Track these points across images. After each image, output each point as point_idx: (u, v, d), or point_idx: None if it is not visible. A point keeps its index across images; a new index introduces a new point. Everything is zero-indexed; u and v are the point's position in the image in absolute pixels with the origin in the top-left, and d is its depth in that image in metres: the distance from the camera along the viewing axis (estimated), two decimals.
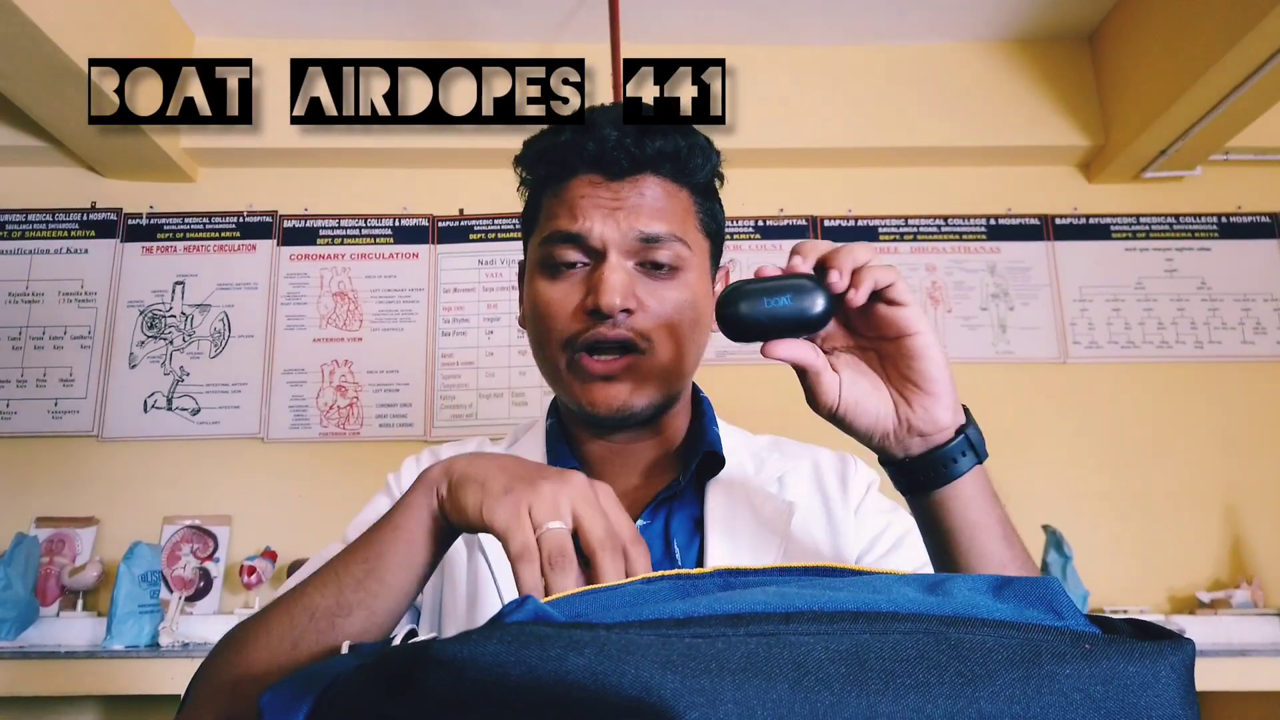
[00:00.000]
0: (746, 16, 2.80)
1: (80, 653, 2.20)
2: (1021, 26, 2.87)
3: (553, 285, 0.88)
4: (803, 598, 0.42)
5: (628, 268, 0.86)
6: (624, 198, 0.87)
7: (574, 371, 0.87)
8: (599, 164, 0.88)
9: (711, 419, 0.98)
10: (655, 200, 0.88)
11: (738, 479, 0.95)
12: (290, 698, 0.46)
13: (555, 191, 0.90)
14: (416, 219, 2.90)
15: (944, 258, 2.91)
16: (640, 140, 0.87)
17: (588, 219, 0.86)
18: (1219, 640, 2.43)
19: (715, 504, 0.92)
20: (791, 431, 1.07)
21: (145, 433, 2.70)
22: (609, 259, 0.85)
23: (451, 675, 0.37)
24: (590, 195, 0.87)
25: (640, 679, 0.35)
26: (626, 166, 0.87)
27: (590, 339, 0.85)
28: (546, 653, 0.36)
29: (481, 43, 2.88)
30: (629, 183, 0.88)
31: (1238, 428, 2.77)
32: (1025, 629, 0.41)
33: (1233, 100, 2.43)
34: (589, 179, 0.88)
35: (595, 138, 0.87)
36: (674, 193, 0.90)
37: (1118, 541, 2.66)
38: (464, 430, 2.73)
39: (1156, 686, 0.39)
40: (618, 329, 0.85)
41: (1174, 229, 2.93)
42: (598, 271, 0.85)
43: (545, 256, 0.88)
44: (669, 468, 0.96)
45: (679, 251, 0.88)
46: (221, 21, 2.80)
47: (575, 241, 0.86)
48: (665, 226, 0.87)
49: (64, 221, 2.85)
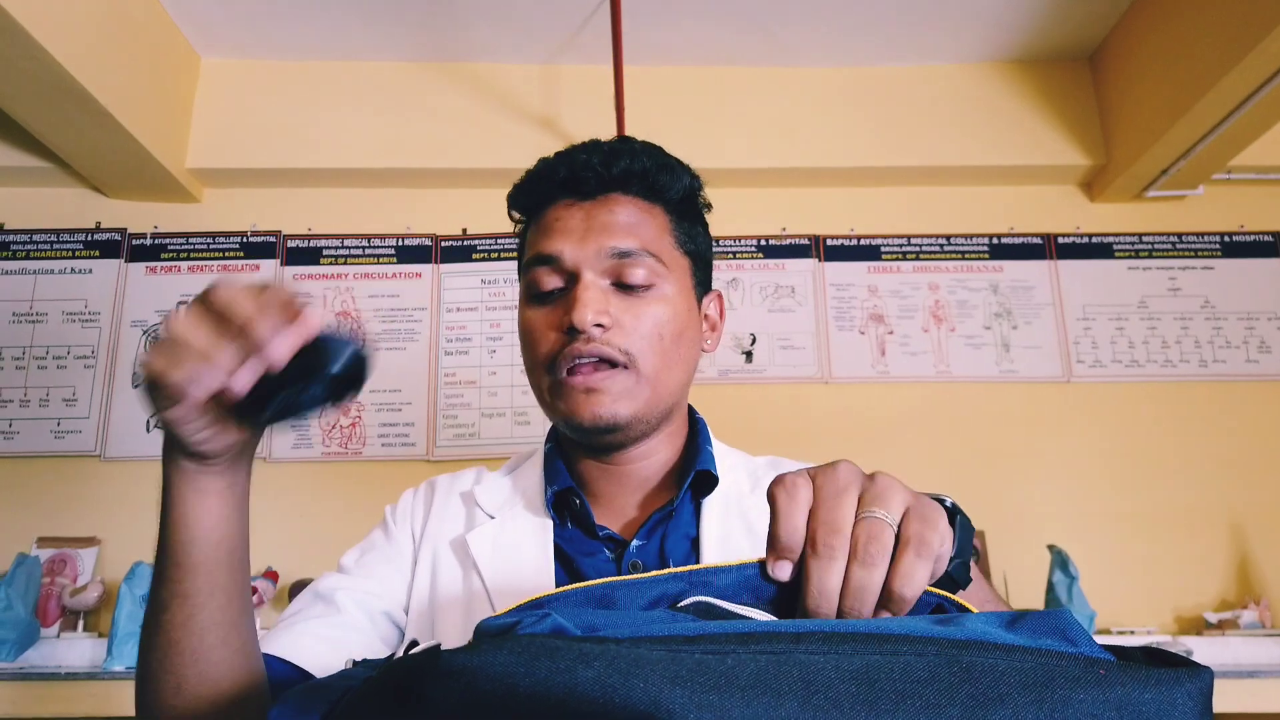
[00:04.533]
0: (749, 38, 2.82)
1: (81, 674, 2.19)
2: (1023, 47, 2.89)
3: (535, 311, 0.91)
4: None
5: (602, 286, 0.88)
6: (594, 216, 0.90)
7: (556, 390, 0.89)
8: (571, 187, 0.92)
9: (706, 439, 0.99)
10: (627, 217, 0.91)
11: (733, 497, 0.95)
12: (298, 712, 0.46)
13: (535, 220, 0.94)
14: (419, 239, 2.91)
15: (946, 277, 2.91)
16: (608, 160, 0.91)
17: (560, 240, 0.89)
18: (1227, 661, 2.41)
19: (710, 522, 0.92)
20: (793, 449, 1.06)
21: (148, 453, 2.69)
22: (583, 278, 0.87)
23: (461, 686, 0.37)
24: (564, 217, 0.91)
25: (649, 693, 0.35)
26: (595, 186, 0.91)
27: (568, 355, 0.87)
28: (556, 665, 0.36)
29: (485, 64, 2.90)
30: (599, 202, 0.91)
31: (1243, 447, 2.76)
32: (1039, 654, 0.40)
33: (1234, 119, 2.44)
34: (563, 203, 0.92)
35: (566, 163, 0.92)
36: (646, 210, 0.93)
37: (1124, 562, 2.65)
38: (466, 449, 2.73)
39: (1173, 714, 0.38)
40: (593, 344, 0.86)
41: (1177, 248, 2.93)
42: (572, 291, 0.87)
43: (528, 284, 0.92)
44: (665, 489, 0.96)
45: (653, 267, 0.90)
46: (227, 43, 2.82)
47: (550, 263, 0.89)
48: (637, 242, 0.89)
49: (68, 242, 2.86)
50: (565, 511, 0.93)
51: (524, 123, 2.86)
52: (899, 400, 2.80)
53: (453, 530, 0.95)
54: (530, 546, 0.91)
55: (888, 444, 2.74)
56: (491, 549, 0.91)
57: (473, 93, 2.89)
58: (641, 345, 0.88)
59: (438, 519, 0.97)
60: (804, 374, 2.81)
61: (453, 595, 0.91)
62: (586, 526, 0.91)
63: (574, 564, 0.90)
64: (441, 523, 0.96)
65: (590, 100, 2.84)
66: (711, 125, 2.90)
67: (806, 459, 1.05)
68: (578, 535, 0.92)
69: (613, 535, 0.91)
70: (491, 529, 0.93)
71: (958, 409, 2.79)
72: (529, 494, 0.96)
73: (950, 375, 2.82)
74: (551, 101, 2.89)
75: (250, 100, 2.87)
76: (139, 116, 2.50)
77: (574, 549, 0.91)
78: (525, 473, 1.00)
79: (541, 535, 0.92)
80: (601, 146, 0.92)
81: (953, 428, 2.77)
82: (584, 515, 0.91)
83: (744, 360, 2.82)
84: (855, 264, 2.93)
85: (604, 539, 0.91)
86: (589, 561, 0.90)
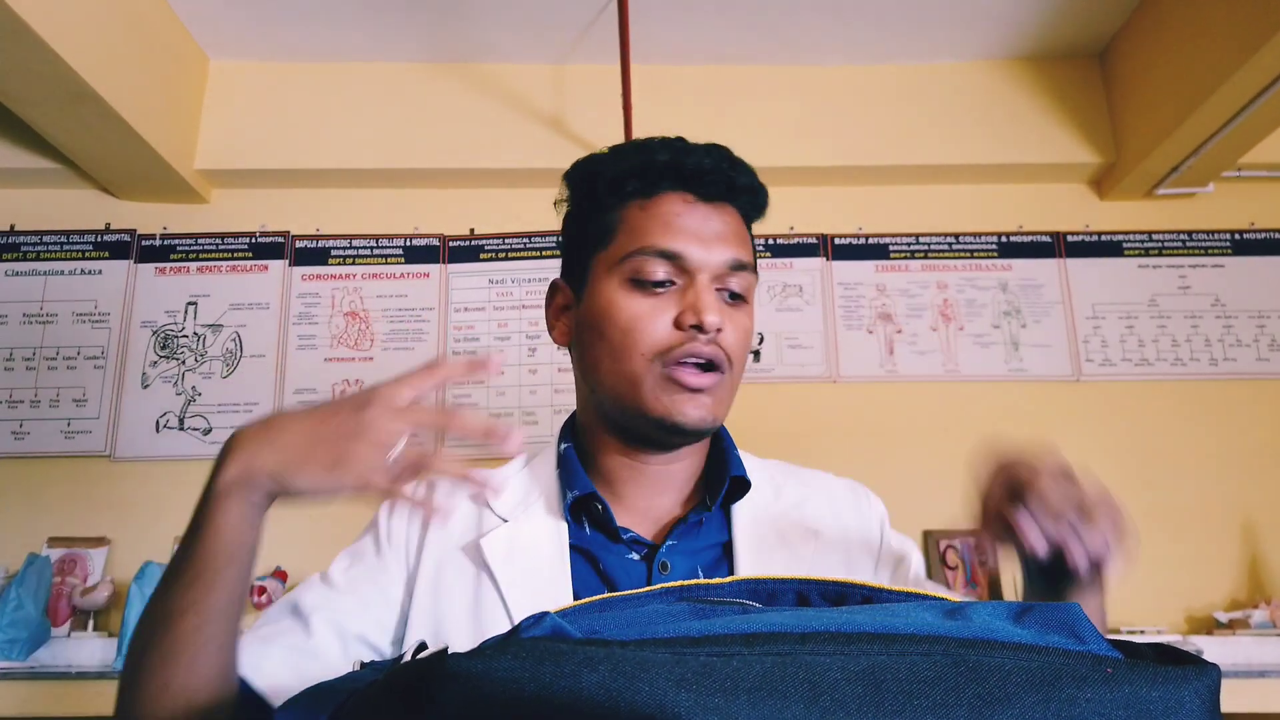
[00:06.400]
0: (757, 37, 2.81)
1: (91, 673, 2.20)
2: (1032, 45, 2.88)
3: (641, 299, 0.89)
4: (820, 619, 0.42)
5: (714, 290, 0.89)
6: (716, 221, 0.90)
7: (663, 383, 0.88)
8: (694, 184, 0.91)
9: (732, 444, 0.99)
10: (738, 230, 0.92)
11: (760, 504, 0.95)
12: (305, 714, 0.46)
13: (642, 205, 0.91)
14: (427, 239, 2.92)
15: (955, 275, 2.91)
16: (733, 167, 0.92)
17: (685, 239, 0.88)
18: (1237, 661, 2.40)
19: (743, 528, 0.92)
20: (801, 448, 1.07)
21: (157, 453, 2.71)
22: (699, 279, 0.88)
23: (466, 690, 0.37)
24: (684, 214, 0.90)
25: (654, 696, 0.35)
26: (719, 192, 0.91)
27: (685, 353, 0.86)
28: (561, 669, 0.36)
29: (493, 64, 2.90)
30: (718, 207, 0.91)
31: (1254, 445, 2.75)
32: (1045, 652, 0.40)
33: (1245, 117, 2.43)
34: (680, 196, 0.91)
35: (691, 158, 0.91)
36: (744, 226, 0.95)
37: (1133, 561, 2.63)
38: (474, 449, 2.73)
39: (1180, 712, 0.38)
40: (712, 345, 0.87)
41: (1187, 246, 2.92)
42: (693, 289, 0.88)
43: (634, 271, 0.89)
44: (692, 491, 0.96)
45: (750, 282, 0.92)
46: (236, 45, 2.83)
47: (669, 259, 0.88)
48: (747, 255, 0.91)
49: (78, 243, 2.87)
50: (583, 516, 0.92)
51: (532, 123, 2.86)
52: (907, 399, 2.79)
53: (462, 534, 0.93)
54: (548, 551, 0.89)
55: (896, 443, 2.73)
56: (506, 554, 0.89)
57: (480, 93, 2.89)
58: (738, 353, 0.90)
59: (440, 524, 0.94)
60: (812, 373, 2.80)
61: (463, 603, 0.89)
62: (609, 530, 0.90)
63: (601, 565, 0.89)
64: (446, 527, 0.94)
65: (598, 100, 2.84)
66: (718, 124, 2.89)
67: (815, 459, 1.05)
68: (600, 538, 0.91)
69: (638, 538, 0.90)
70: (506, 532, 0.91)
71: (966, 408, 2.79)
72: (546, 496, 0.94)
73: (959, 374, 2.81)
74: (559, 101, 2.89)
75: (259, 101, 2.88)
76: (148, 118, 2.51)
77: (600, 551, 0.90)
78: (539, 473, 0.98)
79: (559, 540, 0.90)
80: (721, 152, 0.93)
81: (961, 427, 2.76)
82: (606, 519, 0.90)
83: (752, 359, 2.82)
84: (863, 263, 2.92)
85: (629, 541, 0.90)
86: (617, 563, 0.89)
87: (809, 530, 0.94)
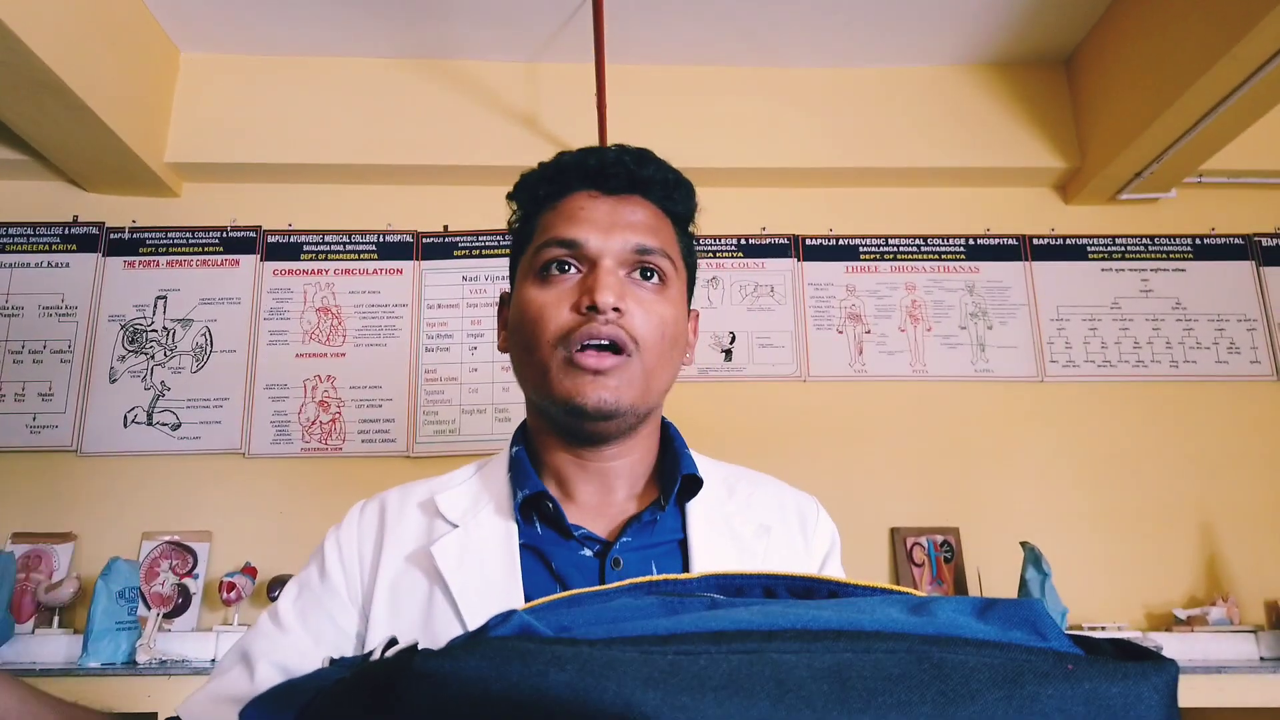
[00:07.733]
0: (730, 39, 2.83)
1: (56, 670, 2.18)
2: (999, 50, 2.91)
3: (544, 290, 0.91)
4: (786, 616, 0.42)
5: (619, 275, 0.90)
6: (619, 211, 0.92)
7: (565, 368, 0.88)
8: (598, 180, 0.94)
9: (683, 444, 0.99)
10: (647, 219, 0.93)
11: (714, 501, 0.96)
12: (270, 713, 0.46)
13: (553, 206, 0.95)
14: (401, 235, 2.90)
15: (923, 277, 2.94)
16: (639, 162, 0.94)
17: (585, 228, 0.90)
18: (1196, 657, 2.45)
19: (697, 525, 0.92)
20: (771, 447, 1.08)
21: (125, 448, 2.68)
22: (604, 264, 0.89)
23: (434, 689, 0.37)
24: (588, 207, 0.92)
25: (622, 696, 0.35)
26: (623, 184, 0.94)
27: (584, 335, 0.87)
28: (529, 668, 0.36)
29: (468, 61, 2.90)
30: (623, 199, 0.94)
31: (1213, 446, 2.80)
32: (1008, 649, 0.41)
33: (1207, 124, 2.48)
34: (587, 193, 0.94)
35: (595, 156, 0.94)
36: (660, 217, 0.96)
37: (1095, 558, 2.68)
38: (447, 445, 2.73)
39: (1139, 707, 0.39)
40: (610, 325, 0.87)
41: (1149, 250, 2.97)
42: (592, 274, 0.89)
43: (540, 264, 0.91)
44: (643, 489, 0.96)
45: (666, 266, 0.92)
46: (206, 38, 2.80)
47: (570, 247, 0.90)
48: (657, 242, 0.92)
49: (45, 235, 2.83)
50: (534, 515, 0.91)
51: (506, 120, 2.86)
52: (876, 399, 2.82)
53: (413, 543, 0.92)
54: (499, 553, 0.89)
55: (864, 442, 2.76)
56: (458, 559, 0.89)
57: (454, 90, 2.88)
58: (648, 337, 0.89)
59: (394, 538, 0.93)
60: (782, 372, 2.83)
61: (419, 610, 0.88)
62: (561, 528, 0.90)
63: (552, 563, 0.88)
64: (399, 540, 0.93)
65: (572, 98, 2.84)
66: (692, 124, 2.90)
67: (785, 456, 1.06)
68: (552, 535, 0.90)
69: (590, 535, 0.90)
70: (457, 538, 0.90)
71: (934, 408, 2.82)
72: (496, 499, 0.94)
73: (926, 374, 2.84)
74: (533, 99, 2.89)
75: (230, 95, 2.85)
76: (117, 110, 2.48)
77: (551, 548, 0.89)
78: (490, 477, 0.97)
79: (509, 541, 0.90)
80: (630, 150, 0.95)
81: (928, 426, 2.80)
82: (557, 516, 0.90)
83: (723, 358, 2.84)
84: (834, 264, 2.95)
85: (581, 539, 0.90)
86: (569, 559, 0.89)
87: (761, 526, 0.96)
